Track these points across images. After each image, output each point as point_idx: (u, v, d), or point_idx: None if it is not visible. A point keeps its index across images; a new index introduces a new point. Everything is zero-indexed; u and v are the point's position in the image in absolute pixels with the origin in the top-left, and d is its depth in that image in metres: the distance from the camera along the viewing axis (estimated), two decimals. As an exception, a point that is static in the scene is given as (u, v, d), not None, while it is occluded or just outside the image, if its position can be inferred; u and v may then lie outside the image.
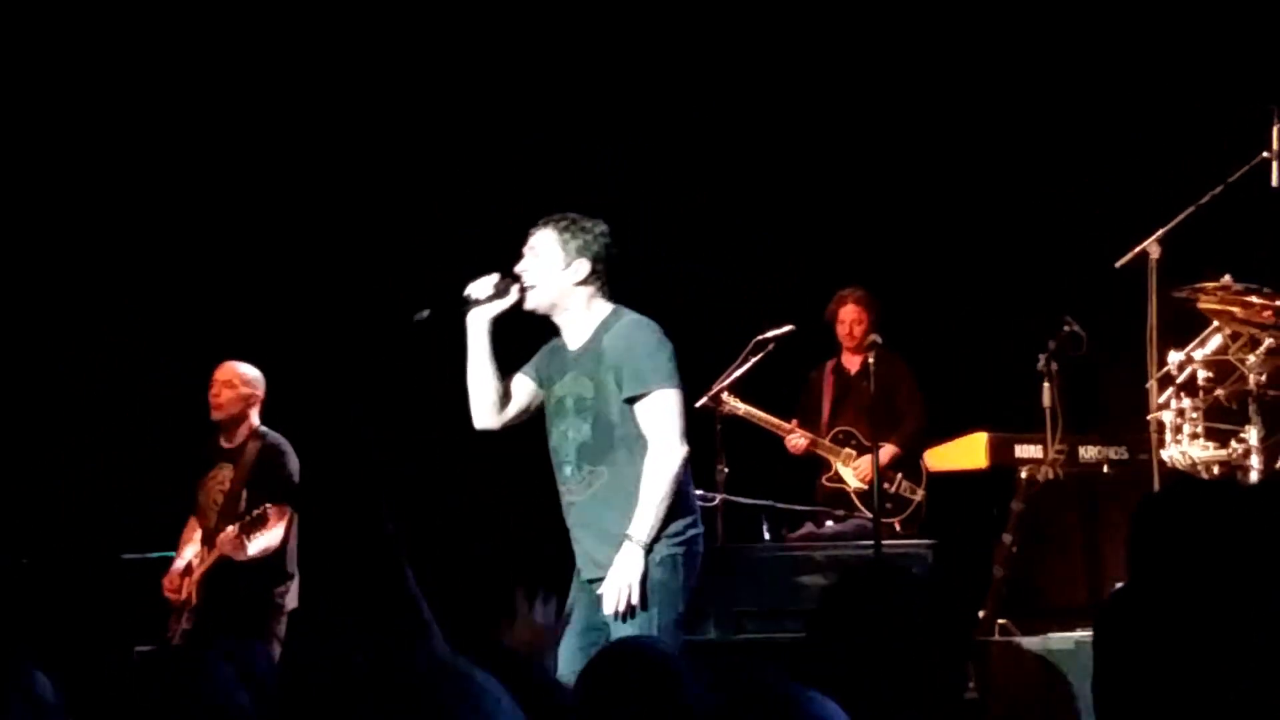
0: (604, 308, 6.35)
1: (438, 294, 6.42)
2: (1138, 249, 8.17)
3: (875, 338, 9.36)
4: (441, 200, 10.84)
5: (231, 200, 10.93)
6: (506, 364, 6.46)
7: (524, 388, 6.47)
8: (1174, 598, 2.72)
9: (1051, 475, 8.78)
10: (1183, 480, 6.55)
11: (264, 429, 9.08)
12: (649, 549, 6.08)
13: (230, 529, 8.77)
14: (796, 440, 10.05)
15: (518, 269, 6.34)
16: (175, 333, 10.65)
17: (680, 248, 10.75)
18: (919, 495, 9.98)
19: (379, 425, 10.06)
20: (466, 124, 10.95)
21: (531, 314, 6.38)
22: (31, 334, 10.82)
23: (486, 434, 6.53)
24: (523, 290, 6.31)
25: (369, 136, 10.93)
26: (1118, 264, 8.26)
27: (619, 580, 6.05)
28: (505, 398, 6.44)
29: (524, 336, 6.58)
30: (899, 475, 9.97)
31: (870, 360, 9.22)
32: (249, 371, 9.09)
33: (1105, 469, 8.94)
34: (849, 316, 10.14)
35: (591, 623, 6.17)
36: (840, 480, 10.05)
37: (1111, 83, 10.10)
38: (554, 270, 6.31)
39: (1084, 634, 7.26)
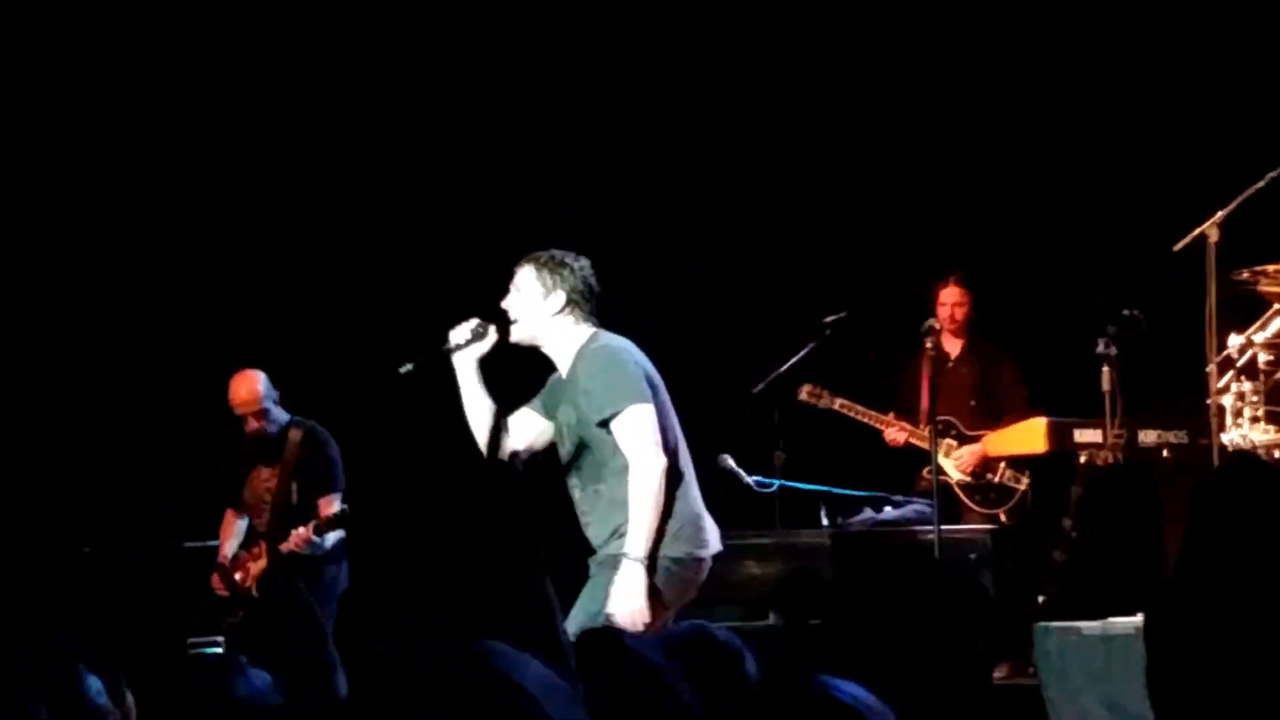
0: (584, 334, 6.56)
1: (419, 343, 6.67)
2: (1196, 232, 8.11)
3: (932, 322, 9.32)
4: (442, 200, 10.81)
5: (237, 198, 10.96)
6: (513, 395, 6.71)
7: (531, 422, 6.69)
8: (1227, 583, 2.70)
9: (1111, 460, 8.74)
10: (1240, 461, 6.50)
11: (298, 418, 9.11)
12: (649, 562, 6.30)
13: (303, 530, 8.80)
14: (895, 434, 9.81)
15: (503, 304, 6.58)
16: (218, 325, 10.68)
17: (726, 237, 10.75)
18: (1023, 484, 9.75)
19: (378, 424, 10.07)
20: (467, 124, 10.93)
21: (523, 348, 6.62)
22: (89, 329, 10.87)
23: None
24: (504, 326, 6.54)
25: (369, 137, 10.93)
26: (1176, 247, 8.21)
27: (624, 604, 6.29)
28: (508, 434, 6.65)
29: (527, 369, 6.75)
30: (1002, 464, 9.79)
31: (927, 345, 9.18)
32: (257, 384, 9.05)
33: (1165, 453, 8.90)
34: (950, 299, 9.93)
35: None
36: (941, 472, 9.85)
37: (1169, 64, 10.05)
38: (534, 304, 6.54)
39: (1143, 618, 7.22)
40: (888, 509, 9.65)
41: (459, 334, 6.54)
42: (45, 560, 10.05)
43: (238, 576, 9.12)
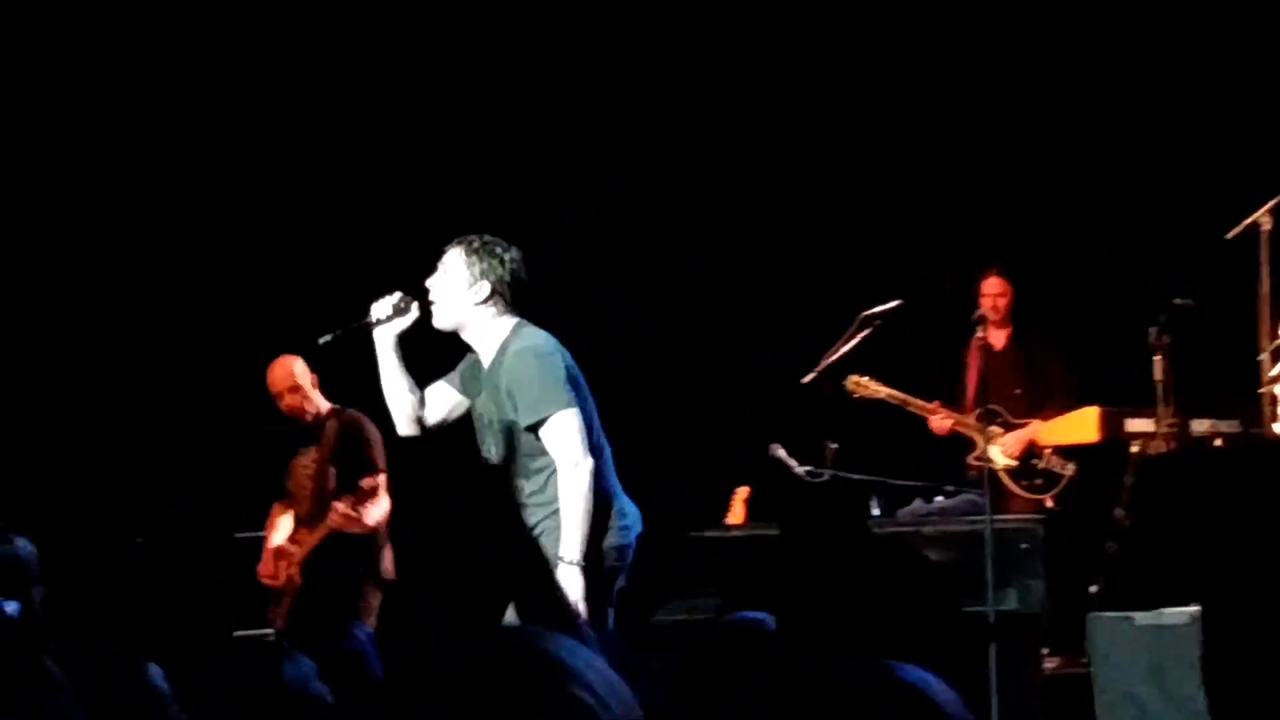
0: (506, 326, 6.57)
1: (343, 315, 6.67)
2: (1249, 220, 8.09)
3: (981, 313, 9.31)
4: (442, 201, 10.80)
5: (252, 200, 11.01)
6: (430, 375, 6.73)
7: (446, 396, 6.74)
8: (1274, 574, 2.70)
9: (1163, 449, 8.71)
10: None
11: (337, 406, 9.13)
12: (581, 563, 6.39)
13: (341, 504, 8.85)
14: (940, 421, 9.83)
15: (428, 283, 6.58)
16: (266, 323, 10.73)
17: (776, 229, 10.76)
18: (1070, 470, 9.72)
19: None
20: (467, 124, 10.94)
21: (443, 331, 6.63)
22: (143, 331, 10.95)
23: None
24: (425, 306, 6.55)
25: (370, 139, 10.95)
26: (1229, 235, 8.19)
27: (559, 601, 6.39)
28: (423, 407, 6.71)
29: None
30: (1048, 450, 9.80)
31: (980, 334, 9.18)
32: (291, 365, 9.09)
33: (1217, 442, 8.86)
34: (992, 290, 9.92)
35: None
36: (988, 459, 9.80)
37: (1221, 49, 10.01)
38: (458, 290, 6.54)
39: (1197, 609, 7.21)
40: (938, 499, 9.64)
41: (381, 308, 6.55)
42: (99, 551, 10.11)
43: (281, 565, 9.17)
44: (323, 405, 9.18)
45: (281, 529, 9.28)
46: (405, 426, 6.76)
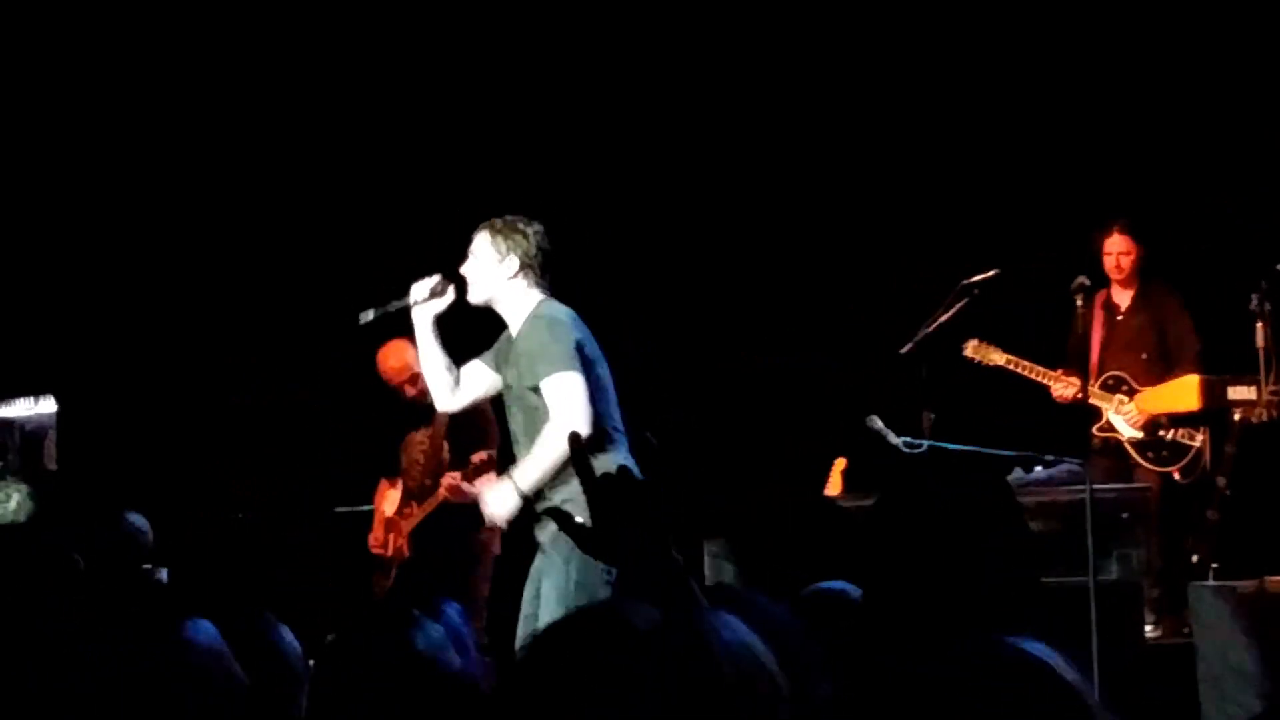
0: (533, 299, 6.89)
1: (382, 296, 7.04)
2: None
3: (1083, 279, 9.19)
4: (442, 202, 10.81)
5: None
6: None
7: (481, 374, 7.06)
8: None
9: (1265, 417, 8.64)
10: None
11: None
12: (524, 493, 6.66)
13: (452, 477, 8.94)
14: (1063, 390, 9.49)
15: (462, 270, 6.93)
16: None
17: (873, 194, 10.75)
18: (1197, 442, 9.40)
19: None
20: (466, 127, 10.98)
21: (482, 308, 6.96)
22: (249, 312, 11.10)
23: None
24: (462, 288, 6.91)
25: (372, 142, 11.03)
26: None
27: (492, 507, 6.82)
28: (459, 383, 7.06)
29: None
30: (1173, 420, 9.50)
31: (1079, 303, 9.08)
32: (405, 352, 9.00)
33: (1320, 410, 8.79)
34: (1116, 247, 9.63)
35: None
36: (1113, 429, 9.58)
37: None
38: (488, 268, 6.88)
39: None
40: (1038, 469, 9.53)
41: (419, 290, 6.93)
42: (205, 527, 10.23)
43: (391, 537, 9.27)
44: None
45: (389, 501, 9.37)
46: (443, 401, 7.15)
